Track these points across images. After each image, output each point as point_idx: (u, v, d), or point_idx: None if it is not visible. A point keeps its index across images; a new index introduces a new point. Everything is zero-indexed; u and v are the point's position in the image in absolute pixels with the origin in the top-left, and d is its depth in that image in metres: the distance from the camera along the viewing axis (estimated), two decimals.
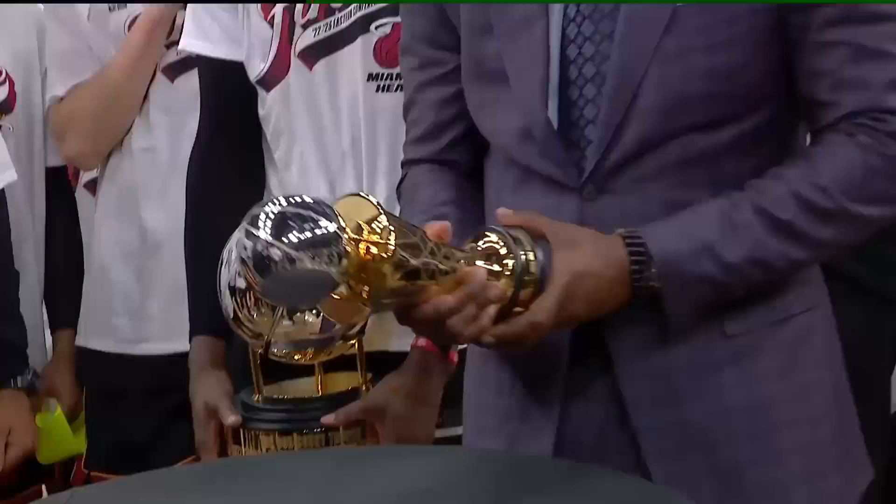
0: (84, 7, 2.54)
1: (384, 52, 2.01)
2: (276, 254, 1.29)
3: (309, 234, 1.30)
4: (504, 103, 1.57)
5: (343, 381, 2.03)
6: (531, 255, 1.46)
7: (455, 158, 1.69)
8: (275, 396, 2.00)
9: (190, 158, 2.19)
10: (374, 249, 1.35)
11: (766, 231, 1.48)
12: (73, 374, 2.66)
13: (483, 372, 1.68)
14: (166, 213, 2.45)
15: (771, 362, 1.56)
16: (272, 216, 1.31)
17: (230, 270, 1.92)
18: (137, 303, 2.55)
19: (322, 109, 2.04)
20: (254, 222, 1.31)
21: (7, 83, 2.63)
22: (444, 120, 1.68)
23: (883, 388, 2.78)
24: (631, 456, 1.55)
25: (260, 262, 1.30)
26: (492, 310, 1.43)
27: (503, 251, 1.46)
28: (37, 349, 2.64)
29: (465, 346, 1.80)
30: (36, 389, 2.45)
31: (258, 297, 1.89)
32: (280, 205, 1.32)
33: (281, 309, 1.89)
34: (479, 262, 1.45)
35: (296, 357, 1.96)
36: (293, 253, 1.29)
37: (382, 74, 2.02)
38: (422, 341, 1.97)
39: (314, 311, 1.91)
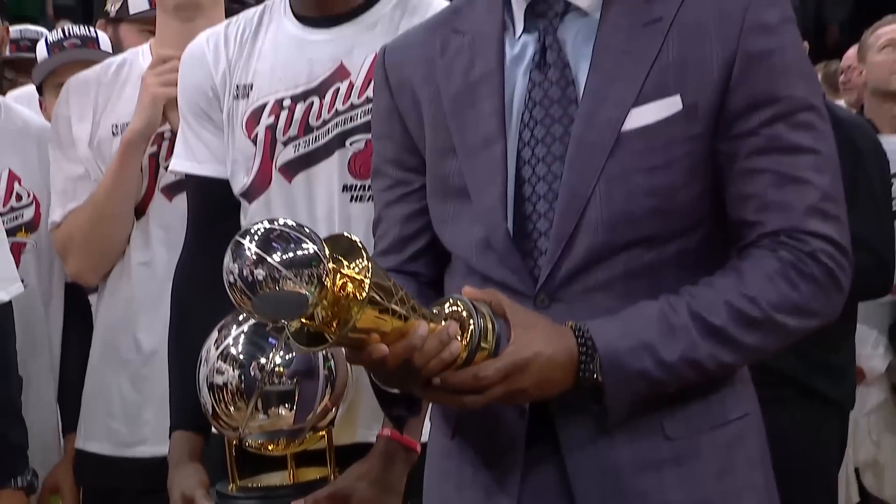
0: (85, 133, 2.68)
1: (358, 166, 2.14)
2: (259, 272, 1.39)
3: (292, 254, 1.40)
4: (466, 216, 1.70)
5: (313, 475, 2.10)
6: (489, 325, 1.56)
7: (417, 270, 1.80)
8: (248, 486, 2.08)
9: (177, 266, 2.30)
10: (350, 285, 1.44)
11: (700, 334, 1.59)
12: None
13: (444, 467, 1.76)
14: (161, 324, 2.49)
15: (709, 464, 1.65)
16: (259, 234, 1.41)
17: (208, 367, 2.03)
18: (133, 408, 2.64)
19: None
20: (242, 235, 1.41)
21: (34, 204, 2.81)
22: (408, 234, 1.80)
23: (830, 484, 2.86)
24: None
25: (244, 277, 1.39)
26: (454, 347, 1.52)
27: (465, 315, 1.56)
28: (52, 451, 2.77)
29: (426, 440, 1.88)
30: (35, 488, 2.52)
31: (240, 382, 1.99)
32: (267, 226, 1.42)
33: (255, 402, 1.99)
34: (442, 323, 1.54)
35: (269, 447, 2.05)
36: (277, 267, 1.38)
37: (356, 185, 2.14)
38: (387, 431, 2.06)
39: (286, 405, 2.01)
